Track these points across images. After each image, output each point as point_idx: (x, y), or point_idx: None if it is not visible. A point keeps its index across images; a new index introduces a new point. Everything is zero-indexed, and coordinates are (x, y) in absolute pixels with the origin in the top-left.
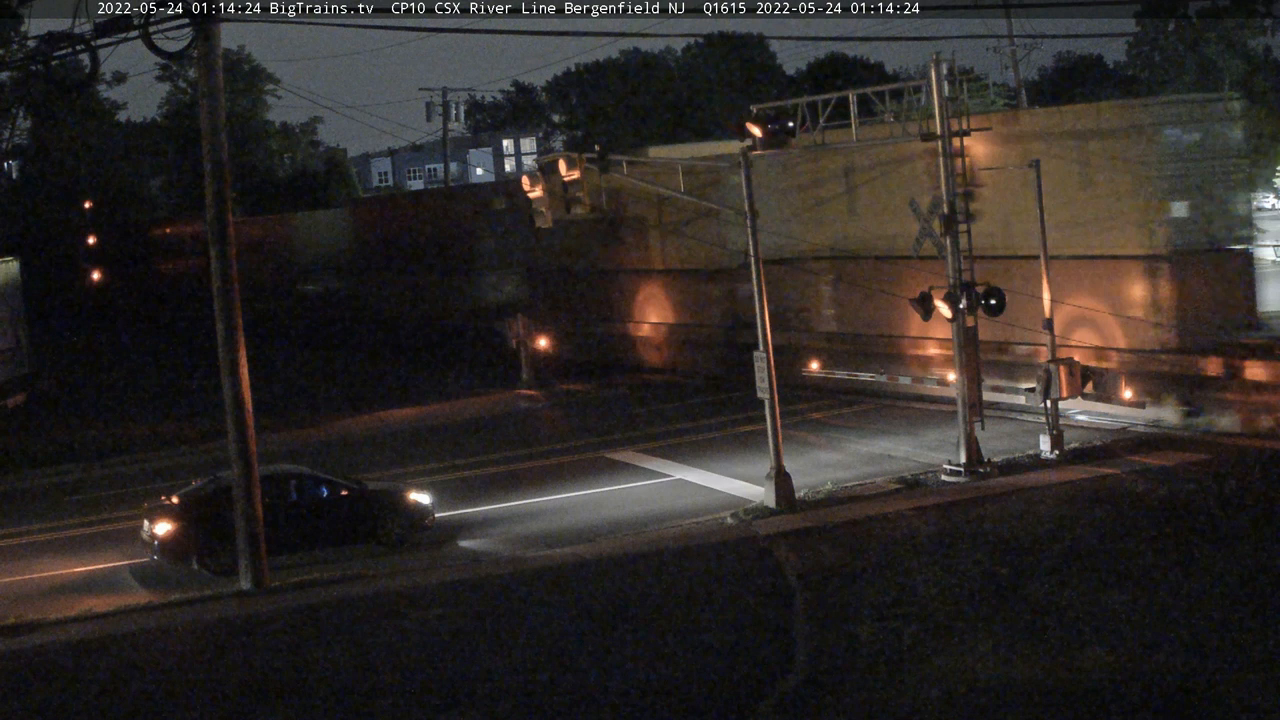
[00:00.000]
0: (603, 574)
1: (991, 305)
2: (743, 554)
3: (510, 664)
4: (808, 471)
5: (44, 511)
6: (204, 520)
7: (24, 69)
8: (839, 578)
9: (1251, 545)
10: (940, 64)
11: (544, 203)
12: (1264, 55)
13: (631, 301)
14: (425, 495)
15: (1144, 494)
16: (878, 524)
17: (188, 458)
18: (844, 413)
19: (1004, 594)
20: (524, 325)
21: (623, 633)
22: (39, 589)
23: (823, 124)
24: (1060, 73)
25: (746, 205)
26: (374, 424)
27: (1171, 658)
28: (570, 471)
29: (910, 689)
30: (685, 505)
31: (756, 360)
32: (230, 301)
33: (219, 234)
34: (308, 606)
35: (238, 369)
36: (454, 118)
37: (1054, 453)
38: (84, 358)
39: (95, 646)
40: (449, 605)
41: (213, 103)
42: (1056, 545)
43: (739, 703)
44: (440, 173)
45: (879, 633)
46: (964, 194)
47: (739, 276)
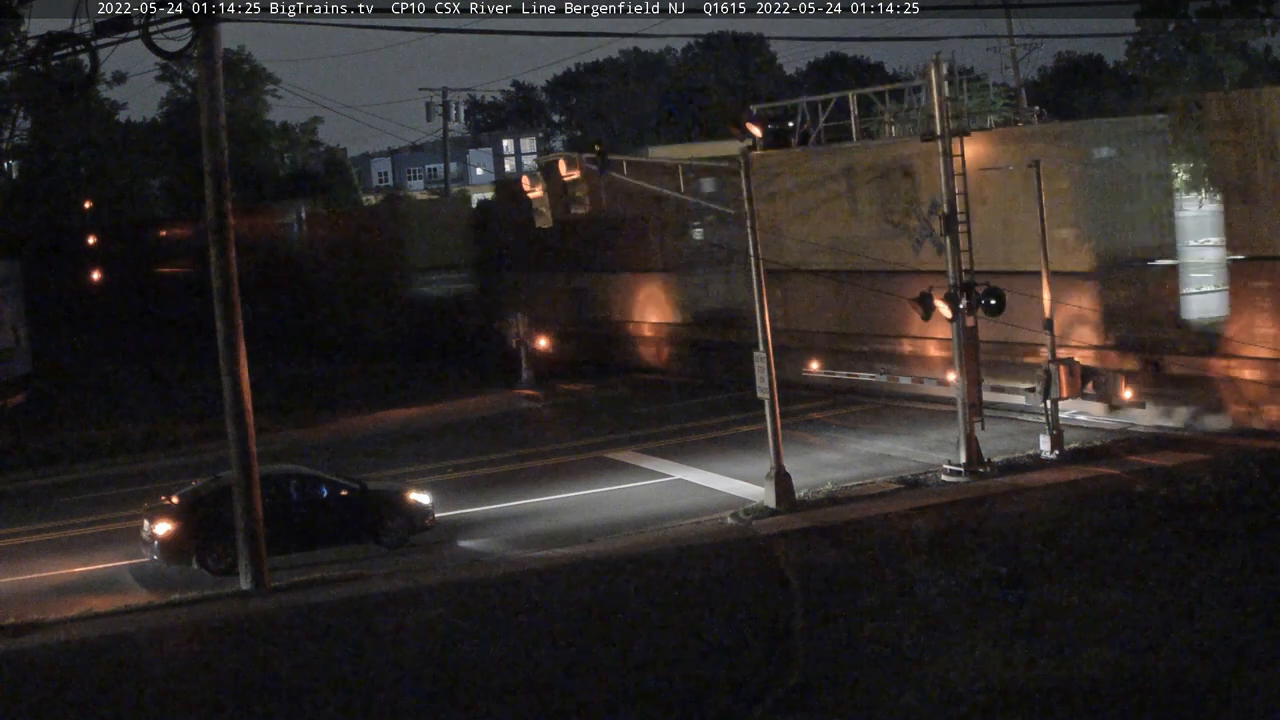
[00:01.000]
0: (602, 574)
1: (992, 305)
2: (743, 554)
3: (510, 664)
4: (808, 471)
5: (44, 511)
6: (204, 520)
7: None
8: (839, 578)
9: (1251, 545)
10: (940, 64)
11: (544, 203)
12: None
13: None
14: (425, 495)
15: (1144, 494)
16: (878, 524)
17: (188, 458)
18: (844, 413)
19: (1004, 594)
20: (524, 325)
21: (623, 633)
22: (39, 589)
23: (822, 124)
24: (1060, 73)
25: (746, 205)
26: (373, 424)
27: (1171, 658)
28: (570, 471)
29: (910, 689)
30: (685, 505)
31: (756, 360)
32: (230, 301)
33: (219, 234)
34: (308, 606)
35: (238, 369)
36: (454, 118)
37: (1054, 453)
38: (84, 358)
39: (95, 646)
40: (449, 605)
41: (213, 103)
42: (1056, 545)
43: (739, 703)
44: (440, 173)
45: (879, 633)
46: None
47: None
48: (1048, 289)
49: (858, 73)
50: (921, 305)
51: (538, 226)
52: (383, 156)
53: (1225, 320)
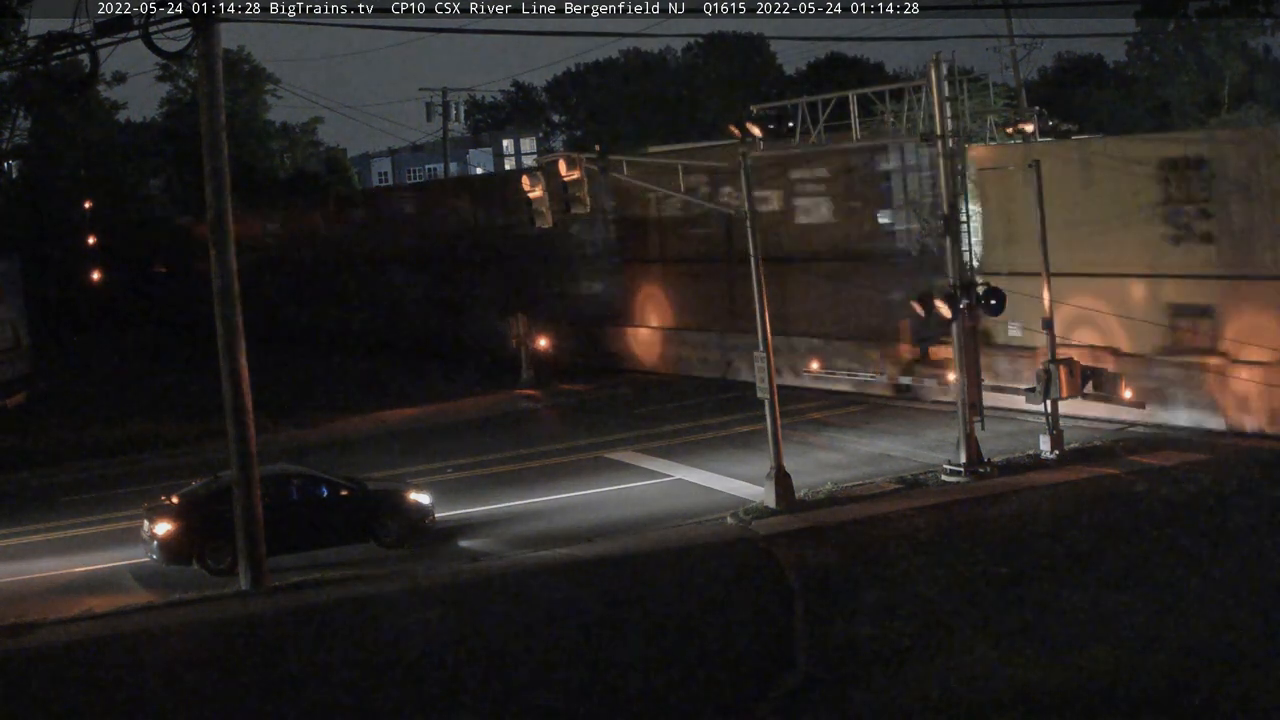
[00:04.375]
0: (602, 574)
1: (992, 305)
2: (743, 554)
3: (510, 664)
4: (808, 471)
5: (44, 511)
6: (204, 520)
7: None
8: (839, 578)
9: (1251, 545)
10: (940, 64)
11: (544, 203)
12: (1264, 55)
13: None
14: (425, 495)
15: (1144, 494)
16: (878, 524)
17: (188, 458)
18: (844, 413)
19: (1004, 594)
20: (524, 325)
21: (622, 633)
22: (39, 589)
23: (822, 124)
24: (1060, 73)
25: (746, 205)
26: (373, 424)
27: (1171, 658)
28: (570, 471)
29: (910, 689)
30: (685, 505)
31: (756, 360)
32: (230, 302)
33: (219, 234)
34: (308, 606)
35: (238, 369)
36: (454, 118)
37: (1054, 453)
38: (84, 357)
39: (95, 646)
40: (449, 605)
41: (213, 103)
42: (1056, 545)
43: (739, 703)
44: (440, 173)
45: (879, 633)
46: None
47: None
48: (1047, 288)
49: (858, 72)
50: (922, 304)
51: (537, 227)
52: (383, 156)
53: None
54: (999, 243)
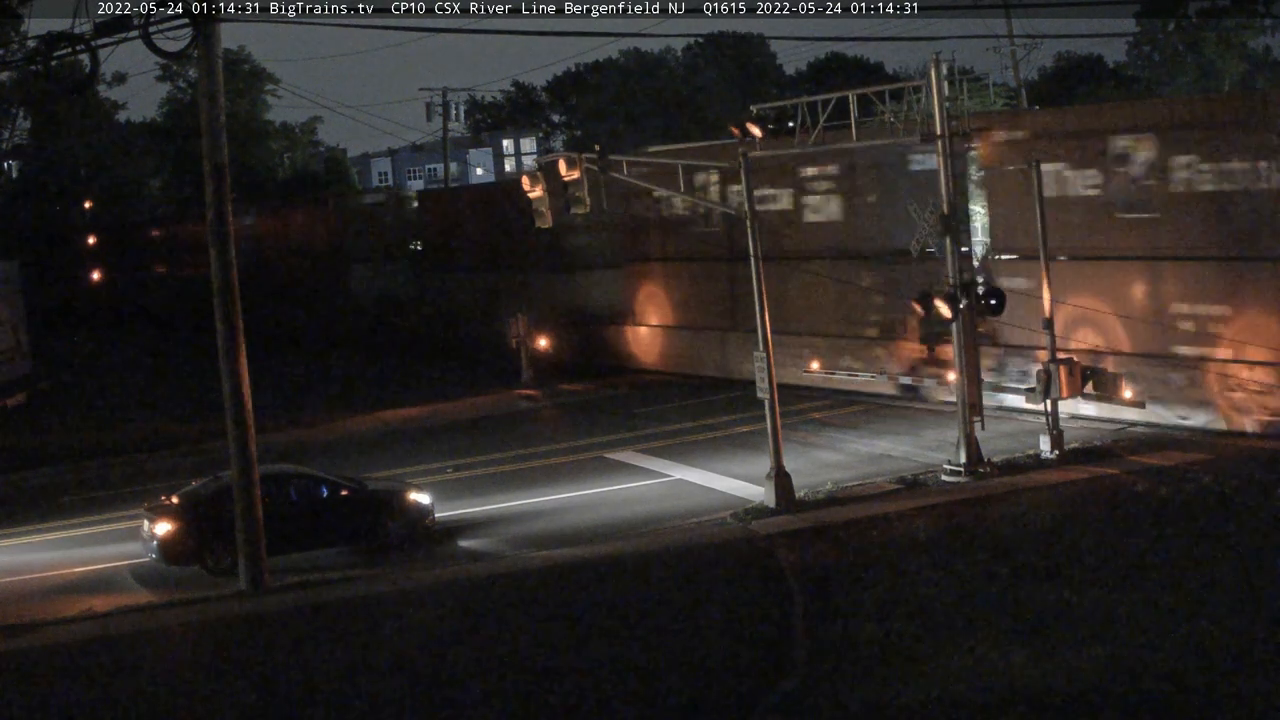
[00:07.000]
0: (602, 574)
1: (992, 305)
2: (742, 554)
3: (510, 664)
4: (808, 471)
5: (44, 511)
6: (204, 520)
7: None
8: (839, 578)
9: (1251, 545)
10: (940, 64)
11: (544, 203)
12: (1264, 55)
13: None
14: (425, 495)
15: (1144, 494)
16: (878, 524)
17: (188, 458)
18: (844, 413)
19: (1004, 594)
20: (524, 325)
21: (622, 633)
22: (39, 589)
23: (822, 124)
24: (1060, 73)
25: (746, 205)
26: (373, 424)
27: (1171, 658)
28: (570, 471)
29: (910, 689)
30: (685, 505)
31: (756, 360)
32: (230, 302)
33: (219, 234)
34: (307, 606)
35: (238, 369)
36: (454, 118)
37: (1054, 453)
38: (84, 357)
39: (95, 646)
40: (449, 605)
41: (213, 103)
42: (1056, 545)
43: (739, 703)
44: (440, 173)
45: (879, 633)
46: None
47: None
48: (1047, 288)
49: (858, 72)
50: (921, 304)
51: (538, 227)
52: (383, 156)
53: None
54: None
